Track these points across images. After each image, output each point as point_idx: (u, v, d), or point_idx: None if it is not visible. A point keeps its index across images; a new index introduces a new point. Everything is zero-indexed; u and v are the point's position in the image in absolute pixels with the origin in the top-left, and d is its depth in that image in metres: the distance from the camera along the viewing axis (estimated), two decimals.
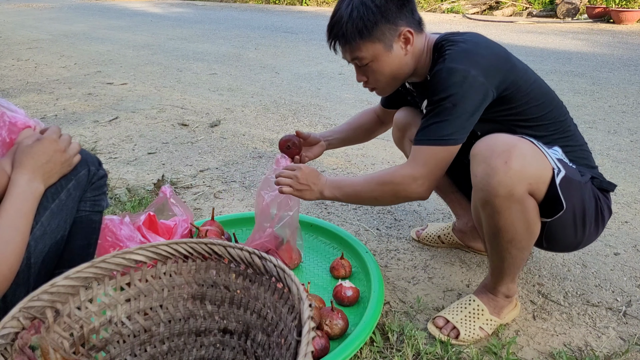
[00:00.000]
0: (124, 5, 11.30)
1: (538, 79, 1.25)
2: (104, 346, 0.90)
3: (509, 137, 1.06)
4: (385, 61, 1.21)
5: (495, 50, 1.19)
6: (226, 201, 2.03)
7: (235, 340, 0.98)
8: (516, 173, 1.01)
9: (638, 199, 2.00)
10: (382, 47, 1.19)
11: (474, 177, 1.08)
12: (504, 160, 1.01)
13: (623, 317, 1.32)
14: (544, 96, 1.22)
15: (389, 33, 1.18)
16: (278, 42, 6.27)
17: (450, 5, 9.57)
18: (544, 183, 1.05)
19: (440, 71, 1.14)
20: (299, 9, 10.65)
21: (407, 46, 1.21)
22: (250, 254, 0.86)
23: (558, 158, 1.12)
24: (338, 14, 1.20)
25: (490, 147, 1.05)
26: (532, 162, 1.03)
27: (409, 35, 1.19)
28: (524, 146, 1.04)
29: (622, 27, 7.16)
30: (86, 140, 2.76)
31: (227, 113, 3.31)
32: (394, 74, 1.25)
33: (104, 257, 0.85)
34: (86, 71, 4.62)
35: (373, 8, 1.15)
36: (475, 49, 1.16)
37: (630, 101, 3.47)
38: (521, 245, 1.13)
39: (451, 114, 1.12)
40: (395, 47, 1.20)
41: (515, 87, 1.17)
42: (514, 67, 1.19)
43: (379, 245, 1.69)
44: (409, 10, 1.19)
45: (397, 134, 1.60)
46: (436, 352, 1.18)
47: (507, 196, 1.03)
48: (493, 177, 1.03)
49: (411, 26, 1.20)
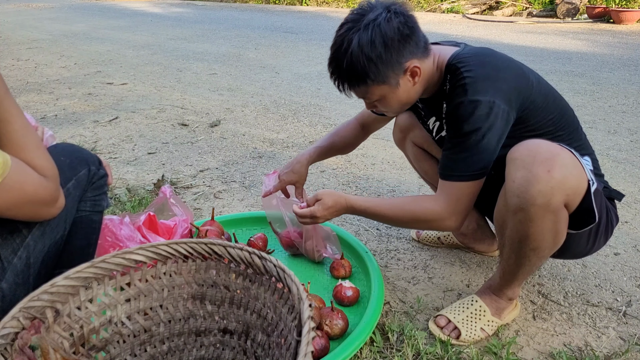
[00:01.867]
0: (124, 5, 11.30)
1: (551, 90, 1.22)
2: (104, 346, 0.90)
3: (551, 145, 1.02)
4: (394, 97, 1.18)
5: (513, 70, 1.15)
6: (226, 201, 2.03)
7: (235, 340, 0.98)
8: (558, 183, 0.98)
9: (638, 199, 2.00)
10: (389, 88, 1.15)
11: (511, 182, 1.04)
12: (547, 168, 0.98)
13: (623, 317, 1.32)
14: (558, 108, 1.20)
15: (393, 74, 1.13)
16: (278, 42, 6.27)
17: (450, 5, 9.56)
18: (579, 195, 1.02)
19: (464, 105, 1.09)
20: (299, 9, 10.65)
21: (415, 78, 1.16)
22: (250, 254, 0.86)
23: (590, 169, 1.09)
24: (337, 61, 1.14)
25: (532, 153, 1.01)
26: (573, 172, 1.00)
27: (416, 69, 1.14)
28: (565, 155, 1.01)
29: (622, 27, 7.16)
30: (86, 140, 2.76)
31: (227, 113, 3.31)
32: (403, 104, 1.22)
33: (104, 257, 0.85)
34: (86, 71, 4.62)
35: (373, 58, 1.09)
36: (496, 74, 1.11)
37: (630, 101, 3.47)
38: (543, 254, 1.12)
39: (479, 147, 1.10)
40: (402, 82, 1.15)
41: (533, 105, 1.14)
42: (530, 84, 1.15)
43: (379, 245, 1.69)
44: (412, 43, 1.12)
45: (399, 135, 1.60)
46: (436, 352, 1.18)
47: (544, 206, 1.00)
48: (534, 184, 0.99)
49: (417, 57, 1.14)
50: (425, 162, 1.57)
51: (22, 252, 0.90)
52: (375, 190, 2.12)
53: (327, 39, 6.29)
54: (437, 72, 1.21)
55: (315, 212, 1.29)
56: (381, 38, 1.08)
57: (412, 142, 1.57)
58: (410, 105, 1.25)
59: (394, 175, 2.28)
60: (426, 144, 1.53)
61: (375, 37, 1.08)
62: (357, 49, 1.09)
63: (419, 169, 1.63)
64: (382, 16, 1.09)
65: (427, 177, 1.63)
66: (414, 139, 1.56)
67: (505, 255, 1.18)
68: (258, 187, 2.16)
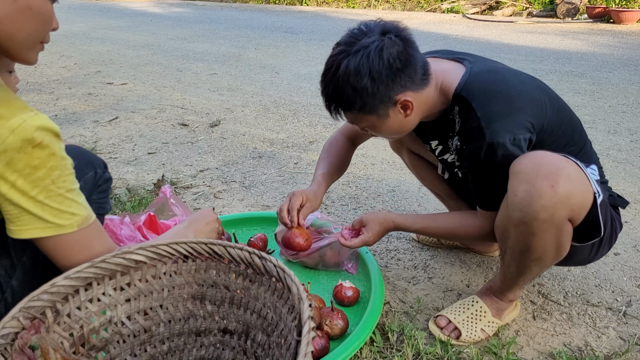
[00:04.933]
0: (124, 5, 11.30)
1: (561, 104, 1.18)
2: (104, 346, 0.90)
3: (555, 157, 0.99)
4: (384, 127, 1.14)
5: (527, 95, 1.09)
6: (226, 201, 2.03)
7: (235, 340, 0.98)
8: (562, 199, 0.96)
9: (638, 199, 2.00)
10: (376, 118, 1.11)
11: (513, 195, 1.01)
12: (551, 183, 0.95)
13: (623, 317, 1.32)
14: (570, 123, 1.17)
15: (382, 106, 1.08)
16: (278, 42, 6.27)
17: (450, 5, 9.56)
18: (585, 209, 1.00)
19: (483, 149, 1.05)
20: (299, 9, 10.65)
21: (407, 111, 1.11)
22: (250, 254, 0.86)
23: (596, 179, 1.07)
24: (325, 86, 1.11)
25: (536, 166, 0.98)
26: (578, 186, 0.98)
27: (407, 103, 1.09)
28: (570, 169, 0.98)
29: (622, 27, 7.16)
30: (86, 140, 2.76)
31: (227, 113, 3.31)
32: (395, 132, 1.18)
33: (104, 257, 0.85)
34: (86, 71, 4.62)
35: (358, 88, 1.04)
36: (510, 107, 1.06)
37: (630, 101, 3.47)
38: (545, 264, 1.11)
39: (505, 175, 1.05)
40: (392, 114, 1.11)
41: (549, 126, 1.10)
42: (545, 105, 1.11)
43: (379, 245, 1.69)
44: (405, 77, 1.06)
45: (394, 143, 1.59)
46: (436, 352, 1.18)
47: (547, 220, 0.99)
48: (537, 200, 0.97)
49: (411, 89, 1.09)
50: (422, 169, 1.57)
51: (31, 251, 0.90)
52: (375, 190, 2.12)
53: (327, 39, 6.29)
54: (442, 97, 1.15)
55: (367, 241, 1.29)
56: (368, 69, 1.03)
57: (408, 149, 1.56)
58: (405, 134, 1.22)
59: (394, 175, 2.28)
60: (422, 151, 1.52)
61: (361, 67, 1.03)
62: (343, 76, 1.05)
63: (417, 175, 1.63)
64: (374, 45, 1.03)
65: (425, 183, 1.62)
66: (410, 147, 1.55)
67: (506, 262, 1.17)
68: (258, 187, 2.16)
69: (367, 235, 1.29)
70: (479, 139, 1.06)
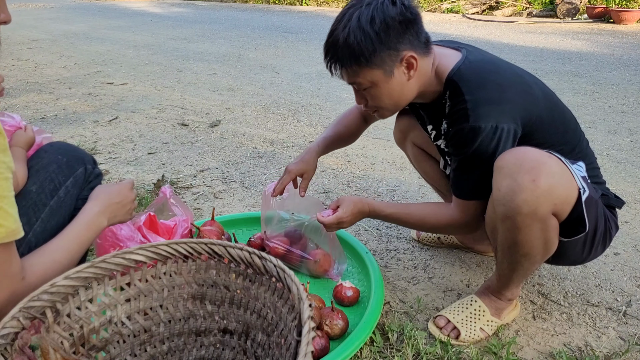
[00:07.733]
0: (124, 5, 11.30)
1: (556, 102, 1.20)
2: (104, 346, 0.90)
3: (537, 153, 1.01)
4: (385, 87, 1.14)
5: (519, 87, 1.11)
6: (226, 201, 2.03)
7: (235, 340, 0.98)
8: (543, 193, 0.97)
9: (638, 199, 2.00)
10: (382, 74, 1.11)
11: (497, 190, 1.03)
12: (532, 178, 0.97)
13: (623, 317, 1.32)
14: (563, 121, 1.18)
15: (389, 59, 1.09)
16: (278, 42, 6.27)
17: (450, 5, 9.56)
18: (569, 204, 1.02)
19: (465, 131, 1.08)
20: (299, 9, 10.65)
21: (411, 71, 1.12)
22: (250, 254, 0.86)
23: (582, 176, 1.08)
24: (334, 36, 1.11)
25: (518, 162, 1.00)
26: (560, 181, 0.99)
27: (413, 60, 1.10)
28: (552, 164, 1.00)
29: (622, 27, 7.16)
30: (86, 140, 2.76)
31: (227, 113, 3.31)
32: (394, 100, 1.18)
33: (104, 257, 0.85)
34: (86, 71, 4.62)
35: (371, 34, 1.06)
36: (499, 95, 1.08)
37: (630, 101, 3.47)
38: (535, 260, 1.12)
39: (485, 168, 1.08)
40: (396, 72, 1.12)
41: (539, 121, 1.12)
42: (536, 99, 1.13)
43: (379, 245, 1.69)
44: (413, 32, 1.09)
45: (399, 135, 1.59)
46: (436, 352, 1.18)
47: (530, 214, 1.00)
48: (519, 194, 0.99)
49: (416, 49, 1.11)
50: (425, 163, 1.57)
51: (24, 248, 0.90)
52: (375, 190, 2.12)
53: None
54: (436, 80, 1.18)
55: (341, 217, 1.29)
56: (382, 15, 1.06)
57: (412, 142, 1.57)
58: (402, 106, 1.23)
59: (394, 175, 2.28)
60: (426, 145, 1.53)
61: (376, 14, 1.06)
62: (355, 23, 1.07)
63: (419, 169, 1.63)
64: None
65: (427, 178, 1.63)
66: (414, 140, 1.55)
67: (498, 259, 1.19)
68: (258, 187, 2.16)
69: (342, 211, 1.30)
70: (463, 122, 1.09)
